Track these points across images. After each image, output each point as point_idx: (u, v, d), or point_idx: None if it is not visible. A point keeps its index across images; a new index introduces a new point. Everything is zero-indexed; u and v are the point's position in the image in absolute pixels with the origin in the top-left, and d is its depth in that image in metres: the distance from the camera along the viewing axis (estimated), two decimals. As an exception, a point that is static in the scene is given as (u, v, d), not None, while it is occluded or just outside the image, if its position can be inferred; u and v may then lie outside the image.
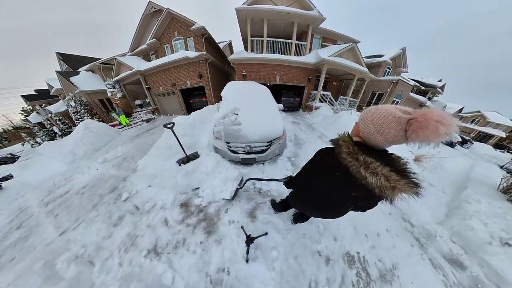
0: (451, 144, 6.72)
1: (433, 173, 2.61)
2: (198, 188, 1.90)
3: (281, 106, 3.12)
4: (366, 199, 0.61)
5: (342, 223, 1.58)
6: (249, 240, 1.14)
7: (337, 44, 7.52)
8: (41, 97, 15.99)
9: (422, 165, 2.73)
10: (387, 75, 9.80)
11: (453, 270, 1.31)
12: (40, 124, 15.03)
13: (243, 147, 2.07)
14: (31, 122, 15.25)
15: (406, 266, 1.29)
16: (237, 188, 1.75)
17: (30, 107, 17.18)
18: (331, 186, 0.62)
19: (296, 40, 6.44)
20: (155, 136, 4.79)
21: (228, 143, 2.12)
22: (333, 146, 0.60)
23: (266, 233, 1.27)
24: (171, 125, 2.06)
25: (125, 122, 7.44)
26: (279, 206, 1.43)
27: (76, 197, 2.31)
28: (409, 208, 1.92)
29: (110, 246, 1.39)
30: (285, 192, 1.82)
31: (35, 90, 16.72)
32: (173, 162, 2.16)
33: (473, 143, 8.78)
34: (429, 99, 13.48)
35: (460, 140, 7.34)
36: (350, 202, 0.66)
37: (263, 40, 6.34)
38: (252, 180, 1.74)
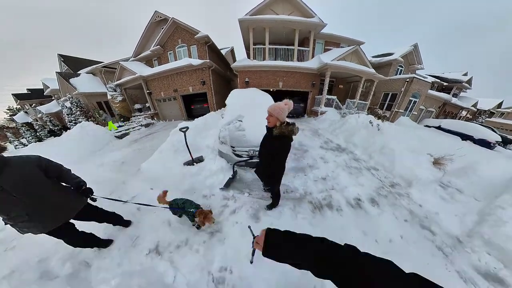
0: (487, 145, 6.12)
1: (462, 178, 2.45)
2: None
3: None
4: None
5: (348, 227, 1.64)
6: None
7: (341, 47, 8.13)
8: (33, 96, 16.69)
9: (443, 168, 2.66)
10: (399, 74, 9.94)
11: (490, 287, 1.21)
12: (28, 124, 15.64)
13: (247, 151, 2.30)
14: (17, 122, 16.09)
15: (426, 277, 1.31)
16: (230, 178, 2.03)
17: (19, 106, 17.55)
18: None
19: (298, 46, 7.08)
20: (155, 142, 5.09)
21: (233, 147, 2.37)
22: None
23: None
24: (185, 128, 2.36)
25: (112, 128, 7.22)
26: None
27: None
28: (429, 215, 1.90)
29: (110, 247, 1.50)
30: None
31: (27, 89, 17.45)
32: (178, 165, 2.36)
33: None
34: (455, 95, 13.13)
35: (500, 139, 6.54)
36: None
37: (265, 48, 7.03)
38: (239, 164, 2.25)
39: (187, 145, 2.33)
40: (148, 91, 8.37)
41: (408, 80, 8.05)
